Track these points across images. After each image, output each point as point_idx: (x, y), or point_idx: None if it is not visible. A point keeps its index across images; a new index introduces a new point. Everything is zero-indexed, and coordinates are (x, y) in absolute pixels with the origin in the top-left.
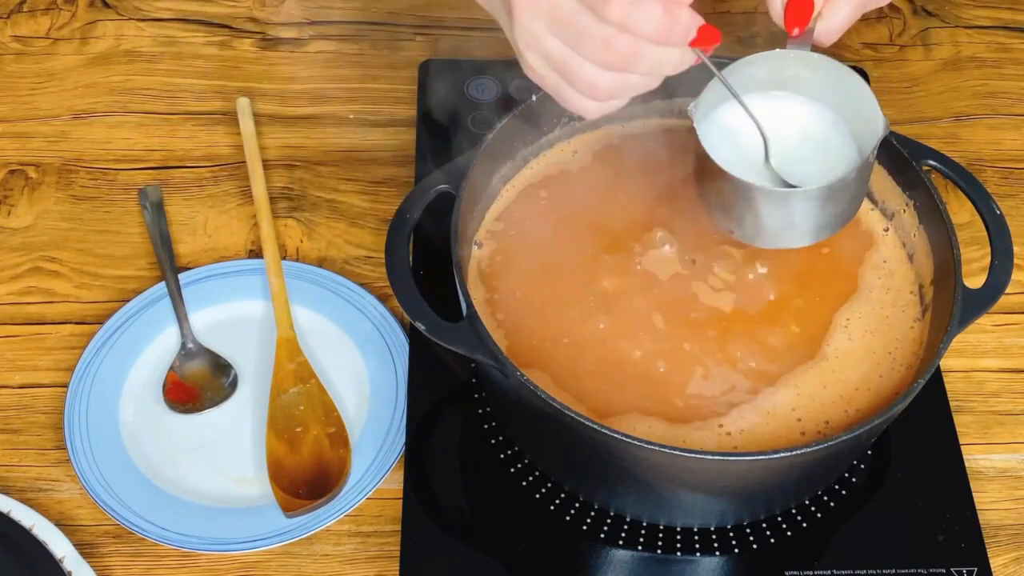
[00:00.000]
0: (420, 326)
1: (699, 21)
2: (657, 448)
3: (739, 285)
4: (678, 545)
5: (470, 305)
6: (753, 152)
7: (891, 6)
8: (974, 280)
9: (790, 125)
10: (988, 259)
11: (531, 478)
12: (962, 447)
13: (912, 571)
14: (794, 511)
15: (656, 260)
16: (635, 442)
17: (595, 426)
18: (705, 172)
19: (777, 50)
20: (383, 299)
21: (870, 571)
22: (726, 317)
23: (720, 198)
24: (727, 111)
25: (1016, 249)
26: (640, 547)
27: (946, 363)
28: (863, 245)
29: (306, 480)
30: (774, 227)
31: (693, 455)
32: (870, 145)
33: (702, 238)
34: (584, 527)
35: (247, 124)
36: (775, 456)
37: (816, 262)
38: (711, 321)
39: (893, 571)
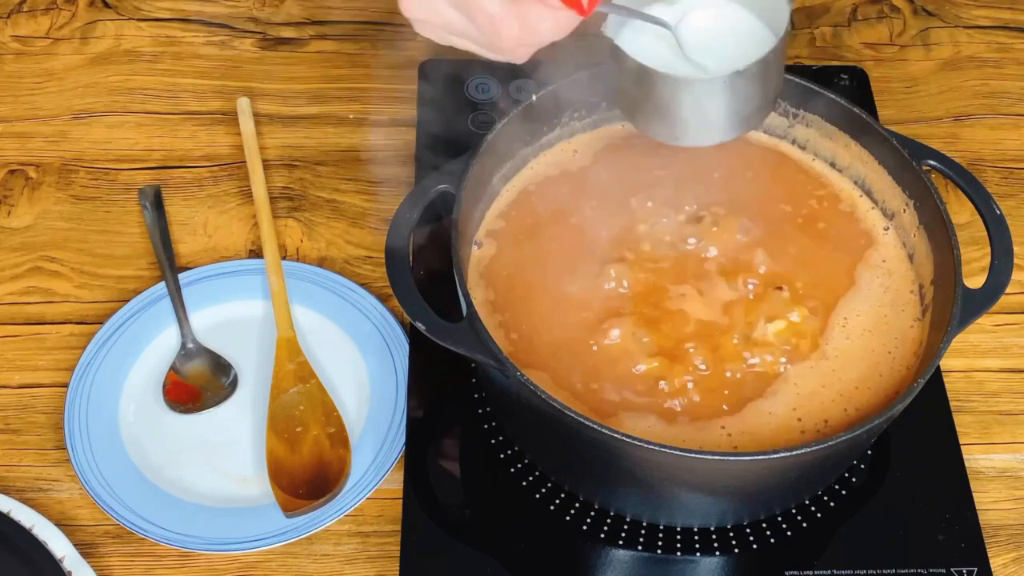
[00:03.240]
0: (420, 326)
1: None
2: (657, 448)
3: (739, 284)
4: (678, 545)
5: (470, 305)
6: (670, 53)
7: (891, 6)
8: (974, 280)
9: (699, 23)
10: (988, 259)
11: (531, 478)
12: (962, 447)
13: (912, 571)
14: (794, 511)
15: (656, 259)
16: (635, 442)
17: (595, 426)
18: (629, 82)
19: None
20: (383, 299)
21: (870, 571)
22: (726, 316)
23: (646, 102)
24: (636, 25)
25: (1016, 249)
26: (640, 547)
27: (946, 363)
28: (863, 245)
29: (306, 480)
30: (703, 120)
31: (693, 455)
32: (782, 24)
33: (703, 238)
34: (584, 527)
35: (247, 124)
36: (775, 456)
37: (816, 261)
38: (711, 320)
39: (893, 571)
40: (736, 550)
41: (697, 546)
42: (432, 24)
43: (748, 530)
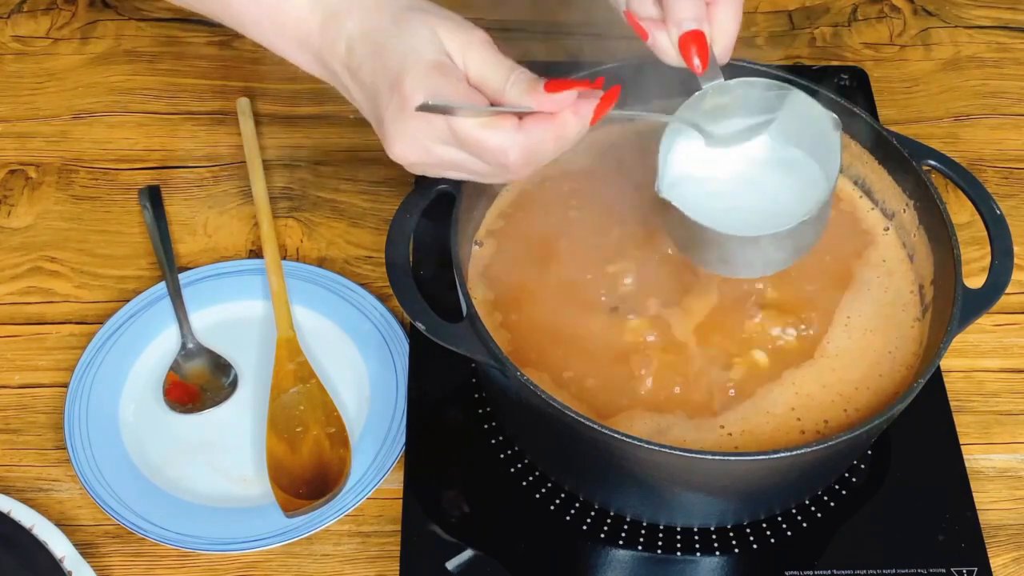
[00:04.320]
0: (420, 326)
1: (589, 112)
2: (657, 448)
3: (739, 285)
4: (678, 545)
5: (470, 305)
6: (722, 200)
7: (891, 6)
8: (974, 280)
9: (750, 165)
10: (988, 259)
11: (531, 478)
12: (962, 447)
13: (912, 571)
14: (794, 511)
15: (656, 260)
16: (635, 442)
17: (595, 426)
18: (689, 233)
19: (696, 93)
20: (383, 299)
21: (870, 571)
22: (726, 317)
23: (708, 251)
24: (678, 161)
25: (1016, 249)
26: (640, 547)
27: (946, 363)
28: (863, 245)
29: (306, 480)
30: (765, 261)
31: (693, 455)
32: (832, 144)
33: None
34: (584, 527)
35: (247, 124)
36: (775, 456)
37: (816, 262)
38: (712, 321)
39: (893, 571)
40: (736, 550)
41: (697, 546)
42: (426, 164)
43: (748, 530)
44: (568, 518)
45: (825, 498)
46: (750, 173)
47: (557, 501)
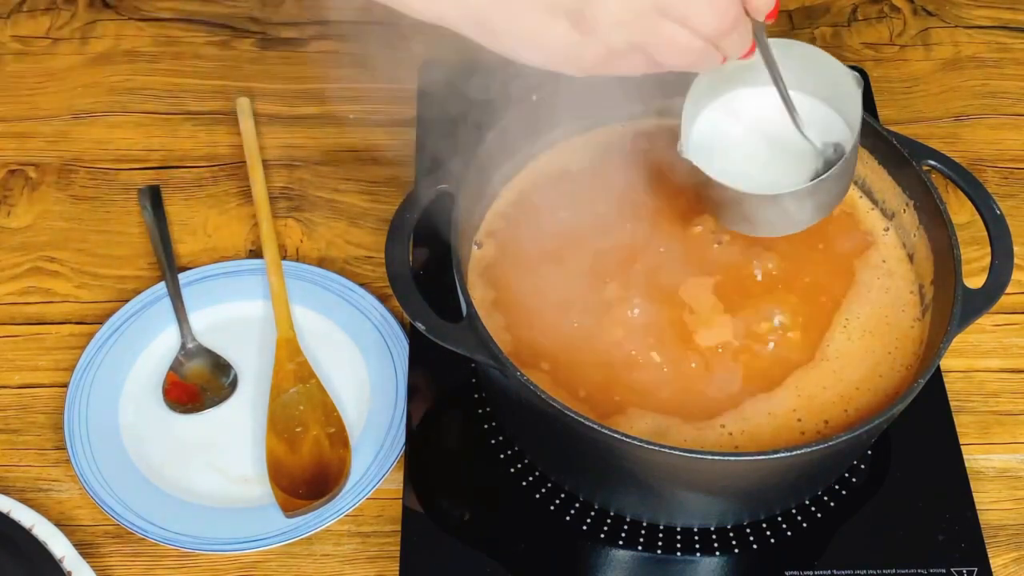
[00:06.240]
0: (420, 326)
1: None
2: (657, 448)
3: (739, 285)
4: (678, 545)
5: (470, 305)
6: (748, 159)
7: (891, 6)
8: (974, 280)
9: (774, 119)
10: (988, 259)
11: (531, 478)
12: (962, 447)
13: (912, 571)
14: (794, 511)
15: (656, 260)
16: (635, 442)
17: (595, 426)
18: (711, 192)
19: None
20: (383, 299)
21: (870, 571)
22: (726, 317)
23: (730, 210)
24: (703, 125)
25: (1016, 249)
26: (640, 547)
27: (946, 363)
28: (863, 245)
29: (306, 480)
30: (788, 219)
31: (693, 455)
32: (854, 108)
33: (702, 239)
34: (584, 527)
35: (247, 124)
36: (775, 456)
37: (816, 262)
38: (711, 321)
39: (893, 571)
40: (736, 550)
41: (697, 546)
42: (631, 23)
43: (748, 530)
44: (568, 518)
45: (825, 498)
46: (775, 133)
47: (557, 501)
